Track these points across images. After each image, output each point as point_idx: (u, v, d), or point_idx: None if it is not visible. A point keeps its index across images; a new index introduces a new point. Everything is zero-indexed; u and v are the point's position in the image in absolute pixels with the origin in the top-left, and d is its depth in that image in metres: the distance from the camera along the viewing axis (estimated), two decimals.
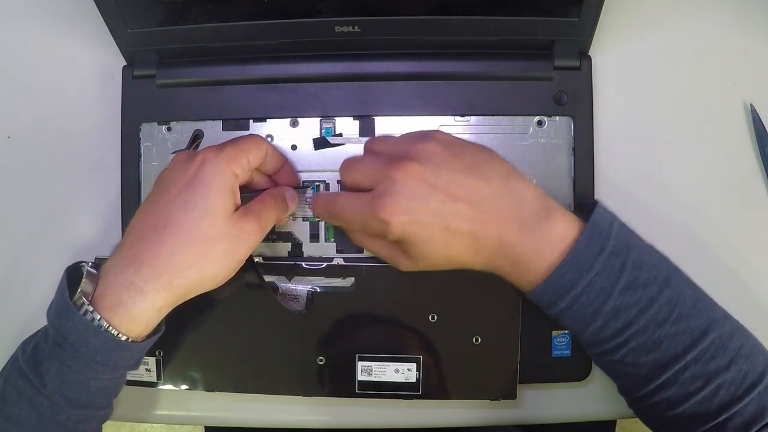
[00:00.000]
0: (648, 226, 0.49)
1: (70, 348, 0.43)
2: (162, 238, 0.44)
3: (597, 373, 0.54)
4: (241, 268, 0.48)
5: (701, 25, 0.56)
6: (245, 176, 0.47)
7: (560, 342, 0.53)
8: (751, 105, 0.55)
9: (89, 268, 0.45)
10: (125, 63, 0.55)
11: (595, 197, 0.53)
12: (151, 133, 0.55)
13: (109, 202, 0.57)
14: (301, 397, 0.54)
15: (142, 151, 0.55)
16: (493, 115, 0.54)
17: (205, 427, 0.76)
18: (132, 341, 0.44)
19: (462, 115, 0.54)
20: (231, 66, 0.54)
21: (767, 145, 0.54)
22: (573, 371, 0.53)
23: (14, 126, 0.58)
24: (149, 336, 0.46)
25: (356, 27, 0.52)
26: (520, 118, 0.54)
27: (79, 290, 0.43)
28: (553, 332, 0.53)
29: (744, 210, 0.55)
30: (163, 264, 0.43)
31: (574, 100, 0.54)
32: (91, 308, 0.42)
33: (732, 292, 0.53)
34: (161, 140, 0.55)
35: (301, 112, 0.55)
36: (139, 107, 0.55)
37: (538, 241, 0.44)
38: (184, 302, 0.46)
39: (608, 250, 0.43)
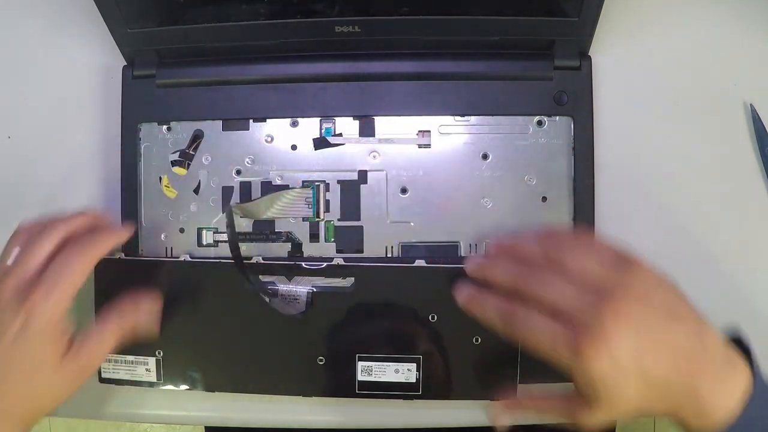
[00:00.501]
0: (648, 227, 0.49)
1: None
2: (4, 390, 0.45)
3: None
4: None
5: (701, 25, 0.56)
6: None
7: None
8: (751, 105, 0.55)
9: None
10: (125, 63, 0.55)
11: (596, 198, 0.53)
12: (151, 133, 0.55)
13: (110, 201, 0.57)
14: (301, 397, 0.54)
15: (142, 151, 0.55)
16: (492, 115, 0.54)
17: (205, 427, 0.76)
18: None
19: (462, 115, 0.54)
20: (231, 66, 0.54)
21: (767, 145, 0.54)
22: None
23: (14, 126, 0.58)
24: None
25: (356, 27, 0.52)
26: (520, 118, 0.54)
27: None
28: None
29: (744, 210, 0.54)
30: (5, 411, 0.45)
31: (574, 100, 0.54)
32: None
33: (732, 293, 0.54)
34: (161, 140, 0.55)
35: (301, 112, 0.54)
36: (139, 107, 0.55)
37: (726, 393, 0.41)
38: (183, 304, 0.51)
39: None
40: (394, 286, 0.52)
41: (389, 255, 0.54)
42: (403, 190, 0.54)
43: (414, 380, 0.52)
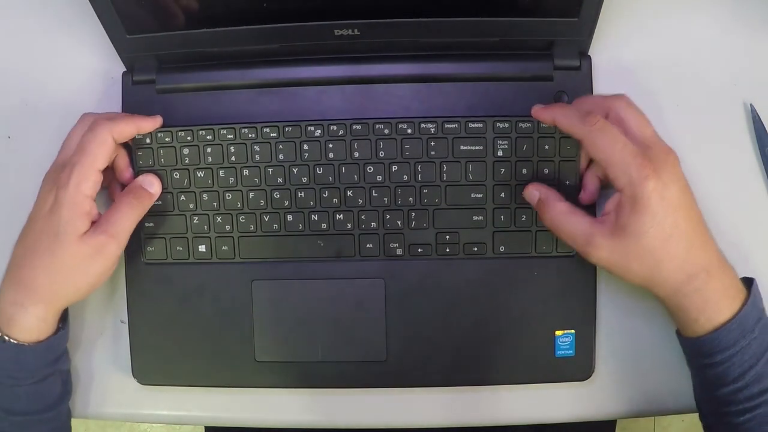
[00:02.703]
0: None
1: None
2: (33, 263, 0.50)
3: (600, 372, 0.54)
4: None
5: (701, 25, 0.56)
6: (98, 186, 0.51)
7: (564, 342, 0.53)
8: (751, 105, 0.55)
9: None
10: (125, 69, 0.55)
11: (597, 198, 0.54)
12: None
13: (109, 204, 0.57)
14: (300, 397, 0.54)
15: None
16: (493, 116, 0.54)
17: (205, 427, 0.76)
18: (30, 345, 0.49)
19: (463, 116, 0.54)
20: (231, 71, 0.54)
21: (767, 145, 0.54)
22: (576, 371, 0.53)
23: (14, 126, 0.58)
24: (48, 339, 0.51)
25: (355, 30, 0.52)
26: (524, 120, 0.54)
27: None
28: (557, 332, 0.53)
29: (744, 210, 0.55)
30: (34, 284, 0.49)
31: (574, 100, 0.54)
32: None
33: None
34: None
35: (301, 116, 0.54)
36: (139, 112, 0.55)
37: (726, 287, 0.47)
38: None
39: (765, 319, 0.47)
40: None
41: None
42: None
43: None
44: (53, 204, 0.49)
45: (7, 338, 0.49)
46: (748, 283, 0.48)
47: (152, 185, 0.54)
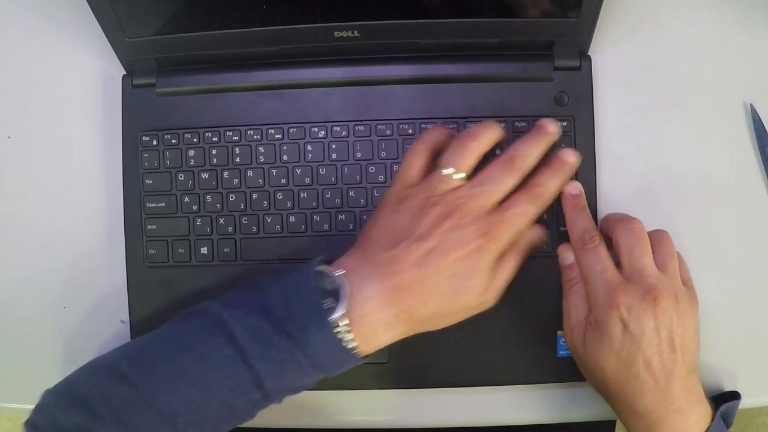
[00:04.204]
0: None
1: (305, 351, 0.44)
2: (429, 297, 0.46)
3: None
4: None
5: (701, 24, 0.56)
6: None
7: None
8: (751, 105, 0.55)
9: (342, 285, 0.45)
10: (125, 71, 0.55)
11: (597, 198, 0.54)
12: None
13: (111, 209, 0.57)
14: (301, 398, 0.54)
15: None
16: (494, 117, 0.54)
17: None
18: (363, 357, 0.47)
19: (463, 117, 0.54)
20: (231, 73, 0.54)
21: (767, 145, 0.54)
22: (578, 371, 0.53)
23: (14, 126, 0.58)
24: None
25: (355, 32, 0.52)
26: (521, 119, 0.54)
27: (339, 313, 0.44)
28: (559, 332, 0.53)
29: (744, 210, 0.55)
30: (422, 318, 0.47)
31: (575, 101, 0.54)
32: (351, 336, 0.45)
33: (732, 292, 0.54)
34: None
35: (301, 118, 0.54)
36: (140, 116, 0.55)
37: (682, 429, 0.47)
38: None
39: None
40: None
41: None
42: None
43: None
44: (476, 251, 0.46)
45: (355, 350, 0.45)
46: (717, 404, 0.49)
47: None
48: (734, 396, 0.51)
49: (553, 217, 0.53)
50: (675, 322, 0.46)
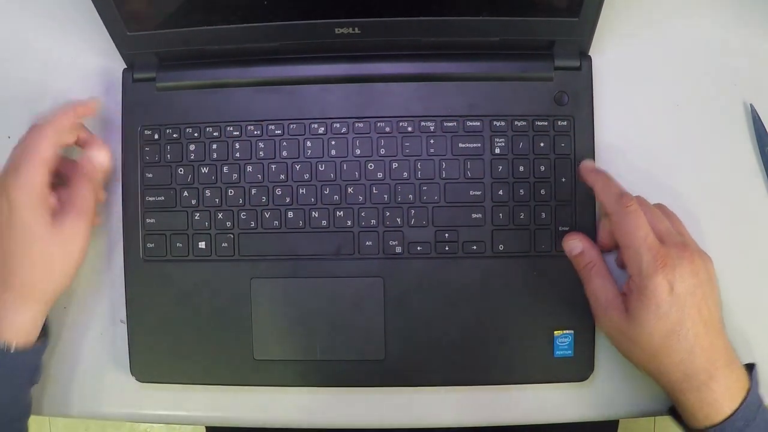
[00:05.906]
0: None
1: None
2: (8, 262, 0.50)
3: (599, 373, 0.54)
4: None
5: (701, 24, 0.56)
6: (49, 176, 0.50)
7: (563, 342, 0.53)
8: (751, 105, 0.55)
9: None
10: (125, 66, 0.55)
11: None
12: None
13: (110, 203, 0.57)
14: (300, 396, 0.54)
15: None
16: (493, 116, 0.54)
17: (206, 427, 0.76)
18: (18, 350, 0.49)
19: (462, 116, 0.54)
20: (231, 68, 0.55)
21: (767, 145, 0.54)
22: (575, 371, 0.53)
23: (14, 126, 0.58)
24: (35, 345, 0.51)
25: (356, 28, 0.52)
26: (520, 118, 0.54)
27: None
28: (555, 332, 0.53)
29: (744, 210, 0.55)
30: (16, 282, 0.50)
31: (575, 100, 0.54)
32: None
33: (732, 292, 0.54)
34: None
35: (301, 114, 0.55)
36: (140, 110, 0.55)
37: (727, 387, 0.47)
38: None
39: (763, 407, 0.47)
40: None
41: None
42: None
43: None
44: (8, 209, 0.49)
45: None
46: (750, 367, 0.49)
47: (100, 153, 0.54)
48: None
49: (552, 217, 0.53)
50: (705, 279, 0.47)
